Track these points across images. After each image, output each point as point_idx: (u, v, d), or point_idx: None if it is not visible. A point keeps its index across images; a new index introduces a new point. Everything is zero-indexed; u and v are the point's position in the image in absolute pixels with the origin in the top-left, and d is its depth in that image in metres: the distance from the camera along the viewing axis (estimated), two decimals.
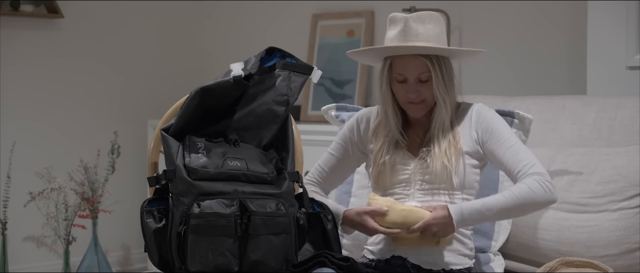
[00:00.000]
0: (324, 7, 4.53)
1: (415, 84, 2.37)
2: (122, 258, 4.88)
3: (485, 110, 2.44)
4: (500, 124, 2.42)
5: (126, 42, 4.87)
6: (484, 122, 2.41)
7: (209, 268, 2.17)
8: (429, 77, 2.36)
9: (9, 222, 4.39)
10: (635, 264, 2.52)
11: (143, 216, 2.28)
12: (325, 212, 2.34)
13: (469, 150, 2.39)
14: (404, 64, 2.37)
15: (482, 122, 2.41)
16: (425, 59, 2.35)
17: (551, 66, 3.73)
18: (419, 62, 2.35)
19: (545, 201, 2.31)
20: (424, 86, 2.37)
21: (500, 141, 2.37)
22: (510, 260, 2.71)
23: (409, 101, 2.39)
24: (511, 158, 2.34)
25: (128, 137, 4.81)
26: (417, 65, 2.36)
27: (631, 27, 3.18)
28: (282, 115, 2.38)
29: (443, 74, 2.37)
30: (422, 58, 2.35)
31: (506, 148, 2.36)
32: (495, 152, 2.37)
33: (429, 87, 2.37)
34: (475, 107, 2.45)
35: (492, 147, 2.38)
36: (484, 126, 2.40)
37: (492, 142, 2.38)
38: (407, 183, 2.40)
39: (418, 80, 2.37)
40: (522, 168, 2.32)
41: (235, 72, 2.35)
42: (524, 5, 3.79)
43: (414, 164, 2.40)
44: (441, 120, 2.38)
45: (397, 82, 2.39)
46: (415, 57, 2.36)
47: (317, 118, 4.35)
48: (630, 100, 2.80)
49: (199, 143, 2.29)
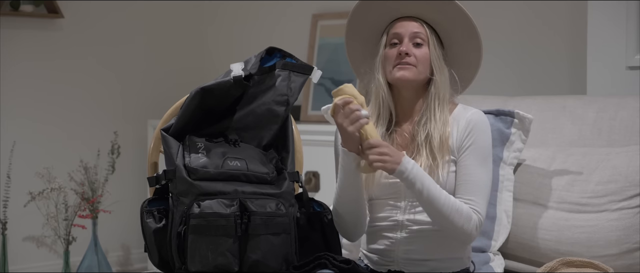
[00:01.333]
0: (324, 7, 4.53)
1: (408, 43, 2.32)
2: (122, 258, 4.88)
3: (483, 123, 2.35)
4: (486, 145, 2.33)
5: (126, 42, 4.87)
6: (474, 132, 2.32)
7: (209, 268, 2.17)
8: (424, 41, 2.32)
9: (9, 222, 4.39)
10: (635, 264, 2.52)
11: (143, 216, 2.28)
12: (325, 212, 2.34)
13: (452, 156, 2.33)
14: (400, 24, 2.34)
15: (471, 129, 2.32)
16: (423, 23, 2.33)
17: (551, 66, 3.73)
18: (416, 23, 2.33)
19: (463, 233, 2.26)
20: (418, 51, 2.32)
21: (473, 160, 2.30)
22: (510, 260, 2.70)
23: (398, 62, 2.32)
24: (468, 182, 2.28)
25: (128, 137, 4.82)
26: (414, 25, 2.33)
27: (631, 27, 3.18)
28: (282, 115, 2.38)
29: (436, 47, 2.33)
30: (420, 20, 2.33)
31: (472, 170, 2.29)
32: (461, 163, 2.31)
33: (423, 54, 2.31)
34: (474, 113, 2.36)
35: (464, 159, 2.31)
36: (472, 137, 2.32)
37: (468, 156, 2.31)
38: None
39: (413, 41, 2.32)
40: (469, 200, 2.27)
41: (235, 72, 2.35)
42: (524, 5, 3.79)
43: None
44: (437, 92, 2.31)
45: (391, 47, 2.35)
46: (413, 19, 2.34)
47: (317, 118, 4.35)
48: (630, 100, 2.80)
49: (199, 143, 2.29)
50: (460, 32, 2.36)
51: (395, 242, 2.36)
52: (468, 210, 2.25)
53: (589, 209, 2.59)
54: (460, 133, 2.33)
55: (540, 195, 2.67)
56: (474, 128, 2.32)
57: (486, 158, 2.32)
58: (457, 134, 2.33)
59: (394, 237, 2.36)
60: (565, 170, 2.67)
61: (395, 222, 2.36)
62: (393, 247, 2.36)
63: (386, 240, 2.37)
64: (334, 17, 4.46)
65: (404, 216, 2.35)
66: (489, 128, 2.36)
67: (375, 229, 2.41)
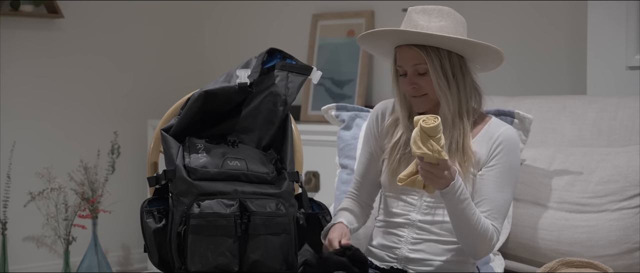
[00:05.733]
0: (324, 7, 4.53)
1: (413, 76, 2.30)
2: (122, 258, 4.88)
3: (514, 141, 2.34)
4: (514, 164, 2.32)
5: (126, 42, 4.87)
6: (505, 151, 2.31)
7: (209, 268, 2.17)
8: (426, 70, 2.28)
9: (9, 222, 4.39)
10: (635, 264, 2.52)
11: (143, 216, 2.28)
12: (324, 213, 2.34)
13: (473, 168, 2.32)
14: (401, 55, 2.31)
15: (503, 147, 2.31)
16: (420, 49, 2.27)
17: (551, 66, 3.73)
18: (413, 53, 2.28)
19: (482, 252, 2.28)
20: (423, 79, 2.29)
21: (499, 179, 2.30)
22: (510, 260, 2.70)
23: (409, 94, 2.32)
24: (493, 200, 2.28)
25: (128, 137, 4.81)
26: (412, 56, 2.28)
27: (631, 27, 3.18)
28: (280, 115, 2.38)
29: (443, 68, 2.27)
30: (415, 48, 2.27)
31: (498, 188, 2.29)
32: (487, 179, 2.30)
33: (429, 81, 2.29)
34: (507, 128, 2.35)
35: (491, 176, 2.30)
36: (502, 155, 2.31)
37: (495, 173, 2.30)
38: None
39: (416, 72, 2.29)
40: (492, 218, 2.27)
41: (241, 78, 2.34)
42: (524, 5, 3.79)
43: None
44: (449, 110, 2.29)
45: (400, 75, 2.33)
46: (409, 48, 2.28)
47: (317, 118, 4.35)
48: (631, 100, 2.80)
49: (198, 144, 2.29)
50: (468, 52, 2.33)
51: (404, 240, 2.36)
52: (492, 232, 2.27)
53: (589, 209, 2.59)
54: (490, 149, 2.32)
55: (540, 195, 2.67)
56: (504, 147, 2.32)
57: (509, 178, 2.31)
58: (487, 148, 2.32)
59: (403, 235, 2.37)
60: (565, 170, 2.66)
61: (408, 220, 2.36)
62: (401, 244, 2.36)
63: (395, 237, 2.37)
64: (334, 17, 4.46)
65: (418, 215, 2.36)
66: (518, 147, 2.36)
67: (386, 225, 2.41)
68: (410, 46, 2.28)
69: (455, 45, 2.28)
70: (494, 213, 2.28)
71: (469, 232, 2.23)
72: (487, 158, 2.32)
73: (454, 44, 2.28)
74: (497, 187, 2.30)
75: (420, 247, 2.35)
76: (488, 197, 2.29)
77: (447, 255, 2.34)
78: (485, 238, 2.25)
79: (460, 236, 2.27)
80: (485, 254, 2.31)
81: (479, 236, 2.24)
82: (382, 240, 2.40)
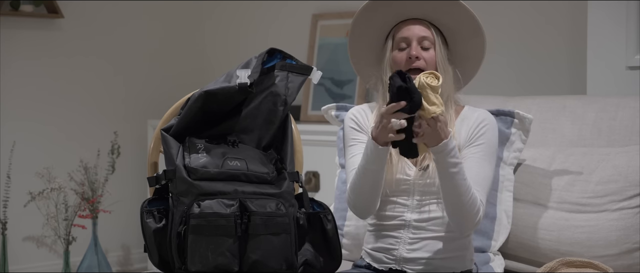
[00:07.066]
0: (324, 7, 4.54)
1: (417, 47, 2.36)
2: (122, 258, 4.88)
3: (493, 122, 2.41)
4: (494, 142, 2.39)
5: (126, 42, 4.87)
6: (486, 129, 2.38)
7: (209, 268, 2.17)
8: (431, 45, 2.36)
9: (9, 222, 4.39)
10: (635, 264, 2.52)
11: (143, 216, 2.28)
12: (325, 212, 2.34)
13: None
14: (407, 27, 2.38)
15: (483, 126, 2.38)
16: (429, 25, 2.37)
17: (551, 66, 3.73)
18: (424, 26, 2.37)
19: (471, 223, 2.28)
20: (426, 53, 2.36)
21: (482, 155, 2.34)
22: (510, 260, 2.70)
23: (406, 66, 2.34)
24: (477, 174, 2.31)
25: (128, 137, 4.82)
26: (421, 29, 2.37)
27: (631, 27, 3.18)
28: (280, 115, 2.38)
29: (442, 53, 2.37)
30: (427, 23, 2.37)
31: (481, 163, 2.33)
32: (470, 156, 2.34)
33: (430, 56, 2.36)
34: (484, 112, 2.43)
35: (474, 153, 2.35)
36: (483, 133, 2.37)
37: (478, 150, 2.35)
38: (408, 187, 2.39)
39: (420, 45, 2.36)
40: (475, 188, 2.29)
41: (241, 79, 2.34)
42: (524, 5, 3.79)
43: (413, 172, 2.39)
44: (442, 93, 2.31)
45: (399, 51, 2.38)
46: (420, 21, 2.37)
47: (317, 118, 4.35)
48: (631, 100, 2.80)
49: (198, 144, 2.29)
50: (465, 31, 2.42)
51: (400, 241, 2.36)
52: (479, 204, 2.29)
53: (589, 209, 2.59)
54: (471, 129, 2.37)
55: (540, 195, 2.67)
56: (486, 125, 2.38)
57: (492, 155, 2.37)
58: (467, 131, 2.37)
59: (399, 236, 2.37)
60: (565, 170, 2.67)
61: (403, 221, 2.37)
62: (397, 245, 2.37)
63: (391, 238, 2.38)
64: (334, 17, 4.46)
65: (412, 215, 2.36)
66: (497, 127, 2.43)
67: (379, 228, 2.41)
68: (420, 20, 2.37)
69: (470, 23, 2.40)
70: (478, 187, 2.31)
71: (458, 200, 2.25)
72: (468, 140, 2.36)
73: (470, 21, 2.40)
74: (483, 163, 2.34)
75: (418, 246, 2.35)
76: (473, 172, 2.31)
77: (445, 253, 2.35)
78: (473, 209, 2.26)
79: (448, 204, 2.28)
80: (471, 228, 2.32)
81: (467, 205, 2.25)
82: (377, 243, 2.41)
